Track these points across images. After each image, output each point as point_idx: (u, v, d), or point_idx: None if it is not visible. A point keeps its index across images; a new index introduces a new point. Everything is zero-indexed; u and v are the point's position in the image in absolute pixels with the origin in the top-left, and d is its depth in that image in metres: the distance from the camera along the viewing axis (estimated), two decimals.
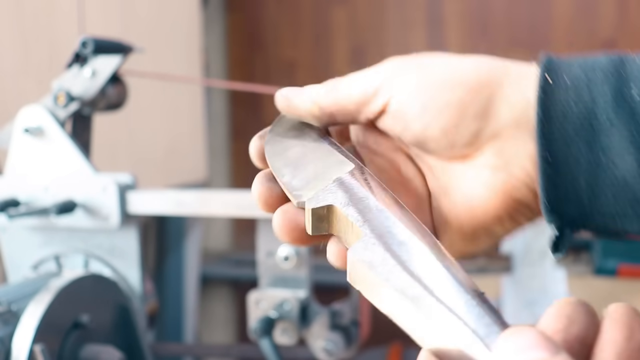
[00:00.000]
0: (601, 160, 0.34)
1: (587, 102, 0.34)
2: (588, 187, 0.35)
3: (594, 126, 0.34)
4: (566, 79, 0.35)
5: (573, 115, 0.35)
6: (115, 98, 1.11)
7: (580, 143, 0.34)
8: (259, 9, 2.66)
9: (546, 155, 0.35)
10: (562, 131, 0.35)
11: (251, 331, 1.05)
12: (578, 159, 0.35)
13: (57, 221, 1.04)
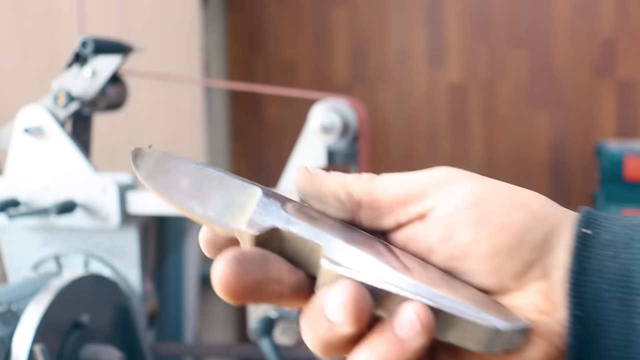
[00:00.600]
0: (635, 323, 0.33)
1: (625, 260, 0.33)
2: (619, 349, 0.33)
3: (630, 286, 0.33)
4: (605, 234, 0.34)
5: (609, 272, 0.33)
6: (115, 98, 1.11)
7: (615, 303, 0.33)
8: (259, 9, 2.66)
9: (577, 312, 0.33)
10: (596, 287, 0.33)
11: (251, 331, 1.05)
12: (610, 319, 0.33)
13: (57, 221, 1.04)
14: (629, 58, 2.32)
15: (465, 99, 2.48)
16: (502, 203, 0.35)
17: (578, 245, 0.34)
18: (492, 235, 0.35)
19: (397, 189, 0.37)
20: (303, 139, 1.23)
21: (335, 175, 0.38)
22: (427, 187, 0.36)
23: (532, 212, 0.35)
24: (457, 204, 0.36)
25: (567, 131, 2.38)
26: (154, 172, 0.39)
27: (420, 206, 0.36)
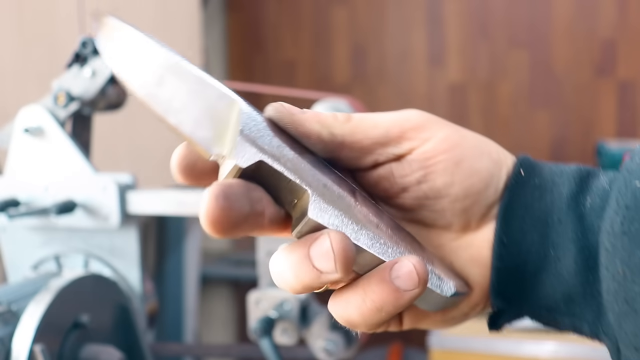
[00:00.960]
0: (549, 253, 0.38)
1: (547, 201, 0.38)
2: (533, 275, 0.38)
3: (548, 222, 0.38)
4: (535, 179, 0.39)
5: (534, 210, 0.38)
6: (115, 98, 1.11)
7: (535, 234, 0.38)
8: (259, 9, 2.66)
9: (503, 237, 0.38)
10: (521, 220, 0.38)
11: (251, 331, 1.05)
12: (530, 248, 0.38)
13: (57, 221, 1.04)
14: (629, 58, 2.32)
15: (465, 99, 2.48)
16: (472, 150, 0.39)
17: (512, 182, 0.39)
18: (465, 179, 0.38)
19: (377, 131, 0.39)
20: None
21: (312, 113, 0.39)
22: (405, 130, 0.39)
23: (494, 159, 0.39)
24: (434, 148, 0.39)
25: (567, 131, 2.38)
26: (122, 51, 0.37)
27: (399, 148, 0.39)
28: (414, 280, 0.34)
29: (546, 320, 0.39)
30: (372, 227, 0.36)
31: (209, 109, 0.36)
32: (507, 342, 1.63)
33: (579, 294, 0.37)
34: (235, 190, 0.33)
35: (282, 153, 0.35)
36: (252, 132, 0.36)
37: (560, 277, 0.37)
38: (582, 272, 0.37)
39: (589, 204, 0.37)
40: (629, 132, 2.35)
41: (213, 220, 0.32)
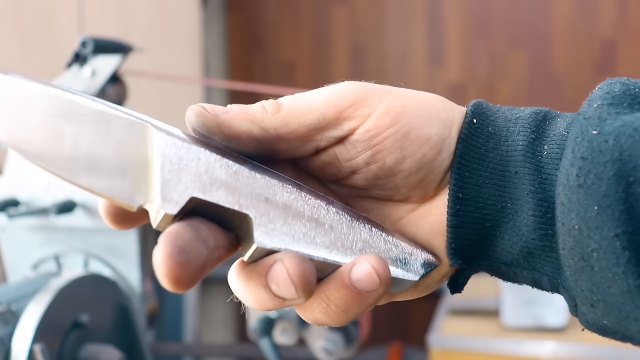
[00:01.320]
0: (507, 207, 0.36)
1: (502, 151, 0.36)
2: (492, 229, 0.36)
3: (505, 174, 0.36)
4: (489, 127, 0.37)
5: (489, 161, 0.36)
6: (115, 98, 1.11)
7: (491, 187, 0.36)
8: (259, 9, 2.66)
9: (458, 193, 0.36)
10: (476, 174, 0.36)
11: (251, 331, 1.05)
12: (487, 201, 0.36)
13: (57, 221, 1.04)
14: (628, 58, 2.32)
15: (465, 99, 2.46)
16: (419, 117, 0.36)
17: (465, 133, 0.37)
18: (416, 151, 0.36)
19: (312, 117, 0.36)
20: None
21: (238, 111, 0.36)
22: (342, 109, 0.36)
23: (442, 119, 0.37)
24: (377, 125, 0.36)
25: None
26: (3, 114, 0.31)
27: (340, 130, 0.36)
28: (375, 281, 0.33)
29: (505, 274, 0.38)
30: (326, 232, 0.34)
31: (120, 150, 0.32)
32: (507, 342, 1.63)
33: (538, 248, 0.35)
34: (186, 239, 0.30)
35: (213, 178, 0.32)
36: (175, 166, 0.31)
37: (518, 231, 0.35)
38: (540, 226, 0.35)
39: (547, 152, 0.35)
40: None
41: (176, 279, 0.30)
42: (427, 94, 0.38)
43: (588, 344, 1.56)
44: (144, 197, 0.32)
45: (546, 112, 0.38)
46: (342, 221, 0.35)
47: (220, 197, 0.32)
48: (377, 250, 0.35)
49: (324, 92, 0.36)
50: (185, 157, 0.32)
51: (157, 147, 0.32)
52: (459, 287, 0.39)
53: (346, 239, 0.35)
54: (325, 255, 0.34)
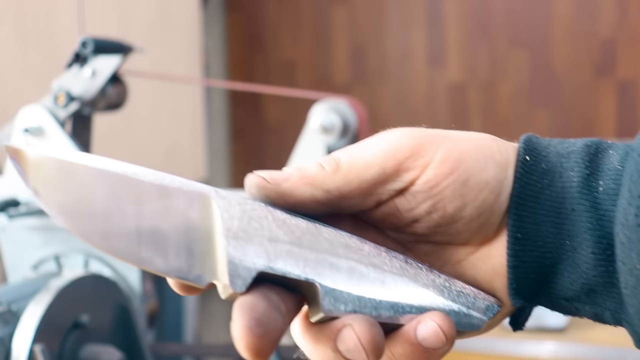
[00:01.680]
0: (565, 243, 0.36)
1: (557, 187, 0.36)
2: (550, 267, 0.36)
3: (561, 211, 0.36)
4: (542, 164, 0.37)
5: (545, 199, 0.36)
6: (115, 98, 1.11)
7: (549, 225, 0.36)
8: (259, 9, 2.66)
9: (517, 233, 0.36)
10: (533, 212, 0.36)
11: None
12: (545, 239, 0.36)
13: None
14: (629, 58, 2.32)
15: (465, 99, 2.48)
16: (476, 161, 0.36)
17: (520, 172, 0.36)
18: (476, 197, 0.36)
19: (372, 171, 0.36)
20: (303, 139, 1.23)
21: (298, 176, 0.36)
22: (401, 160, 0.36)
23: (498, 161, 0.37)
24: (436, 174, 0.36)
25: (567, 131, 2.38)
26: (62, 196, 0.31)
27: (400, 182, 0.36)
28: (441, 339, 0.34)
29: (566, 309, 0.38)
30: (390, 292, 0.34)
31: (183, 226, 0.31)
32: (507, 342, 1.63)
33: (599, 284, 0.35)
34: (261, 310, 0.31)
35: (278, 248, 0.32)
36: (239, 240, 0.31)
37: (578, 268, 0.35)
38: (600, 262, 0.35)
39: (602, 188, 0.35)
40: (629, 132, 2.35)
41: (256, 351, 0.30)
42: (480, 135, 0.38)
43: (588, 344, 1.56)
44: (211, 274, 0.32)
45: (597, 144, 0.38)
46: (406, 278, 0.35)
47: (286, 268, 0.32)
48: (442, 304, 0.36)
49: (380, 143, 0.36)
50: (248, 229, 0.32)
51: (218, 220, 0.31)
52: (520, 324, 0.39)
53: (410, 295, 0.35)
54: (390, 315, 0.34)
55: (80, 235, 0.31)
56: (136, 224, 0.31)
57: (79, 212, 0.31)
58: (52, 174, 0.31)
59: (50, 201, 0.31)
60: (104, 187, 0.31)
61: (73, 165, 0.31)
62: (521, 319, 0.39)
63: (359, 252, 0.35)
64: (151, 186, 0.31)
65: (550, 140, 0.39)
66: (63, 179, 0.31)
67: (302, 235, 0.33)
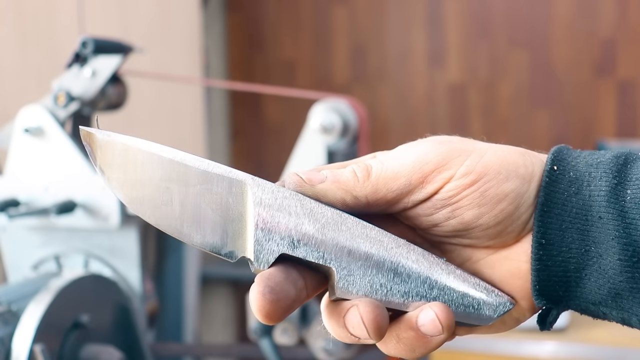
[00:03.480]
0: (591, 250, 0.37)
1: (585, 195, 0.38)
2: (576, 271, 0.38)
3: (587, 218, 0.37)
4: (570, 172, 0.38)
5: (571, 206, 0.38)
6: (115, 98, 1.11)
7: (574, 231, 0.38)
8: (259, 9, 2.66)
9: (541, 239, 0.38)
10: (559, 218, 0.38)
11: (251, 331, 1.05)
12: (570, 245, 0.38)
13: (57, 221, 1.04)
14: (629, 58, 2.32)
15: (465, 99, 2.48)
16: (497, 176, 0.38)
17: (546, 180, 0.38)
18: (493, 207, 0.38)
19: (399, 183, 0.39)
20: (303, 139, 1.23)
21: (332, 180, 0.39)
22: (426, 173, 0.39)
23: (521, 176, 0.39)
24: (457, 186, 0.38)
25: (567, 131, 2.38)
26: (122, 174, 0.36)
27: (424, 192, 0.39)
28: (437, 327, 0.37)
29: (594, 313, 0.39)
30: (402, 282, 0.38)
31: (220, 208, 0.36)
32: (507, 342, 1.63)
33: (625, 290, 0.37)
34: (276, 280, 0.36)
35: (301, 233, 0.36)
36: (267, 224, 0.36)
37: (604, 273, 0.37)
38: (627, 269, 0.36)
39: (630, 197, 0.36)
40: (629, 132, 2.35)
41: (267, 314, 0.36)
42: (508, 149, 0.40)
43: (588, 344, 1.56)
44: (242, 250, 0.37)
45: (627, 155, 0.39)
46: (419, 270, 0.38)
47: (306, 252, 0.36)
48: (451, 297, 0.38)
49: (409, 155, 0.39)
50: (277, 215, 0.36)
51: (251, 206, 0.36)
52: (548, 324, 0.41)
53: (421, 287, 0.38)
54: (399, 302, 0.38)
55: (134, 208, 0.37)
56: (180, 203, 0.36)
57: (134, 189, 0.37)
58: (114, 155, 0.36)
59: (111, 179, 0.37)
60: (157, 169, 0.36)
61: (132, 148, 0.37)
62: (549, 320, 0.41)
63: (378, 243, 0.38)
64: (196, 171, 0.36)
65: (581, 152, 0.40)
66: (123, 160, 0.36)
67: (326, 223, 0.37)
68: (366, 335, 0.36)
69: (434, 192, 0.39)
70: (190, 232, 0.36)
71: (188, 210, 0.36)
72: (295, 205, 0.37)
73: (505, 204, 0.38)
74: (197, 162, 0.37)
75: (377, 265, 0.37)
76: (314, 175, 0.39)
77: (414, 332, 0.37)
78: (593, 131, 2.36)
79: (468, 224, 0.39)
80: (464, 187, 0.38)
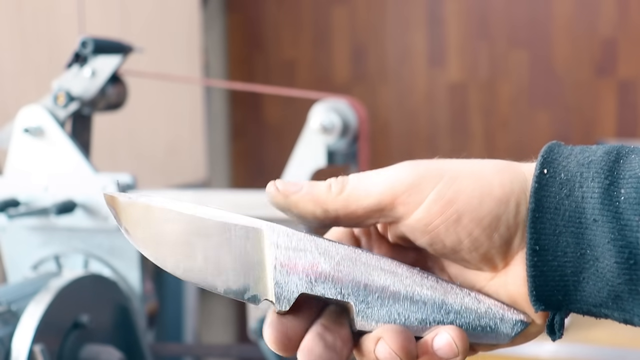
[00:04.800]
0: (586, 253, 0.37)
1: (577, 197, 0.37)
2: (573, 275, 0.37)
3: (582, 221, 0.37)
4: (562, 174, 0.37)
5: (564, 209, 0.37)
6: (115, 98, 1.11)
7: (569, 236, 0.37)
8: (259, 9, 2.66)
9: (535, 246, 0.37)
10: (552, 223, 0.37)
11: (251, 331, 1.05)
12: (565, 250, 0.37)
13: (57, 221, 1.04)
14: (629, 57, 2.32)
15: (465, 99, 2.48)
16: (469, 201, 0.38)
17: (535, 186, 0.37)
18: (470, 232, 0.38)
19: (369, 201, 0.39)
20: (303, 139, 1.23)
21: (306, 191, 0.40)
22: (397, 194, 0.38)
23: (496, 198, 0.38)
24: (428, 214, 0.38)
25: (568, 131, 2.38)
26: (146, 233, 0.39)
27: (394, 213, 0.39)
28: (453, 350, 0.37)
29: (596, 315, 0.39)
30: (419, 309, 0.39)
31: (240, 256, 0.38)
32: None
33: (625, 291, 0.36)
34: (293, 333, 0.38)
35: (318, 272, 0.38)
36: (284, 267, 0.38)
37: (602, 277, 0.36)
38: (624, 271, 0.36)
39: (624, 197, 0.36)
40: (630, 132, 2.35)
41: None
42: (484, 168, 0.39)
43: (588, 344, 1.56)
44: (264, 294, 0.38)
45: (618, 150, 0.38)
46: (434, 296, 0.39)
47: (324, 290, 0.38)
48: (468, 319, 0.39)
49: (384, 174, 0.40)
50: (293, 256, 0.38)
51: (268, 251, 0.38)
52: (557, 332, 0.40)
53: (438, 312, 0.39)
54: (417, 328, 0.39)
55: (160, 264, 0.39)
56: (203, 255, 0.38)
57: (159, 245, 0.39)
58: (137, 216, 0.39)
59: (136, 237, 0.39)
60: (178, 225, 0.39)
61: (153, 207, 0.39)
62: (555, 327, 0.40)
63: (392, 275, 0.39)
64: (215, 223, 0.38)
65: (572, 149, 0.39)
66: (146, 219, 0.39)
67: (340, 260, 0.38)
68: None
69: (403, 215, 0.39)
70: (214, 282, 0.38)
71: (210, 261, 0.38)
72: (310, 246, 0.38)
73: (480, 229, 0.38)
74: (216, 215, 0.38)
75: (394, 296, 0.38)
76: (289, 186, 0.40)
77: (430, 356, 0.38)
78: (593, 131, 2.35)
79: (452, 248, 0.39)
80: (434, 215, 0.38)
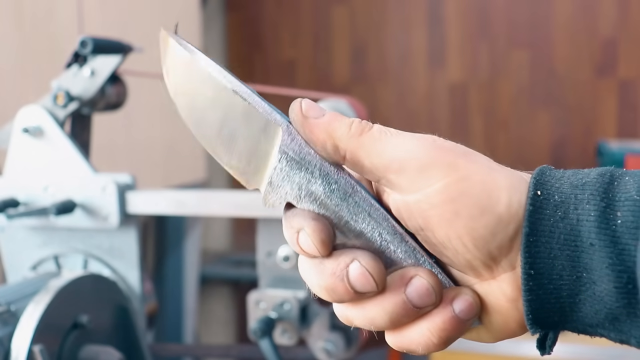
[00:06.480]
0: (582, 276, 0.36)
1: (572, 220, 0.36)
2: (569, 297, 0.37)
3: (577, 245, 0.36)
4: (555, 196, 0.37)
5: (559, 232, 0.36)
6: (114, 98, 1.11)
7: (564, 259, 0.36)
8: (259, 8, 2.66)
9: (530, 270, 0.37)
10: (547, 247, 0.36)
11: (251, 331, 1.05)
12: (561, 273, 0.36)
13: (57, 221, 1.04)
14: (629, 57, 2.32)
15: (466, 99, 2.48)
16: (471, 205, 0.37)
17: (531, 208, 0.37)
18: (461, 236, 0.37)
19: (378, 160, 0.38)
20: None
21: (327, 120, 0.40)
22: (405, 168, 0.38)
23: (498, 215, 0.37)
24: (428, 200, 0.38)
25: (568, 131, 2.38)
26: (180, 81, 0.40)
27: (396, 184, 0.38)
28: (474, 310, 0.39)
29: (591, 334, 0.38)
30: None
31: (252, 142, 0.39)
32: (507, 342, 1.62)
33: (622, 314, 0.36)
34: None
35: (309, 191, 0.38)
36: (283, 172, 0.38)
37: (600, 300, 0.36)
38: (623, 295, 0.35)
39: (620, 221, 0.35)
40: (630, 132, 2.35)
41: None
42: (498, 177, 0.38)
43: (588, 344, 1.56)
44: (257, 185, 0.40)
45: (612, 172, 0.37)
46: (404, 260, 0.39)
47: (310, 208, 0.38)
48: None
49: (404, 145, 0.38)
50: (295, 166, 0.39)
51: (276, 151, 0.39)
52: (548, 348, 0.41)
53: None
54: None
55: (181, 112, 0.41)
56: (221, 125, 0.39)
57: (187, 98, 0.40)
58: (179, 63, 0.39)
59: (171, 82, 0.41)
60: (209, 88, 0.39)
61: (196, 63, 0.39)
62: (547, 343, 0.40)
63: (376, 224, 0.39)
64: (242, 103, 0.39)
65: (564, 172, 0.39)
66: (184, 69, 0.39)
67: (336, 189, 0.39)
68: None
69: (406, 190, 0.38)
70: (221, 153, 0.39)
71: (225, 134, 0.39)
72: (314, 164, 0.39)
73: (471, 238, 0.37)
74: (245, 95, 0.39)
75: (367, 243, 0.39)
76: (313, 109, 0.40)
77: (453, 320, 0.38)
78: (594, 131, 2.35)
79: (441, 241, 0.38)
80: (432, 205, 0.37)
